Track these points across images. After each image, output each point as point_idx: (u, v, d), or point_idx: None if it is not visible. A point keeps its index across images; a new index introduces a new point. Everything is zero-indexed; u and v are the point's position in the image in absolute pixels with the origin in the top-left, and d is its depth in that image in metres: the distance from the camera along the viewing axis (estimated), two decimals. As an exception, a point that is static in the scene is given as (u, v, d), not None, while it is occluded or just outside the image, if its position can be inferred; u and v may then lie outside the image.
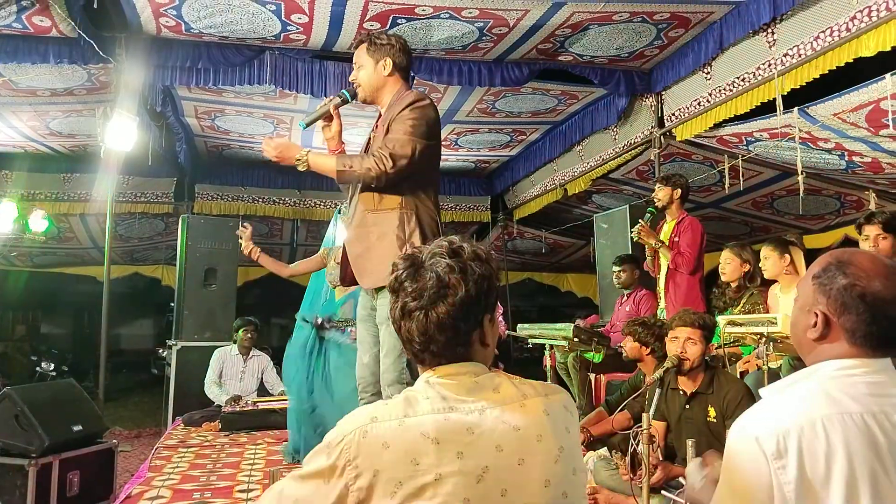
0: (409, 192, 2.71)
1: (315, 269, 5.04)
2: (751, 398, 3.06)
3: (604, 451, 3.79)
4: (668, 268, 4.65)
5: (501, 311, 7.83)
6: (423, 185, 2.74)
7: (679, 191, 4.74)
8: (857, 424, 1.15)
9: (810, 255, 4.61)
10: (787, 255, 4.04)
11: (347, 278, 2.87)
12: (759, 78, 4.52)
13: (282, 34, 4.98)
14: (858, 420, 1.15)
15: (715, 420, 3.12)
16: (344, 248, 2.92)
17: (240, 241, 4.62)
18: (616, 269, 5.71)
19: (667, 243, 4.63)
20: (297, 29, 4.89)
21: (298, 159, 2.67)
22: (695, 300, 4.54)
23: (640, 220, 4.69)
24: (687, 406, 3.23)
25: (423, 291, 1.26)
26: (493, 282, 1.31)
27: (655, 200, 4.73)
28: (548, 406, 1.27)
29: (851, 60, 3.82)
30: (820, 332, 1.27)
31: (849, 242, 3.65)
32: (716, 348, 3.79)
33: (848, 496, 1.11)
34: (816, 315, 1.28)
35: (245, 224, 4.67)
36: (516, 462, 1.20)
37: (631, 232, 4.74)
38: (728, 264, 4.43)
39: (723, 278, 4.51)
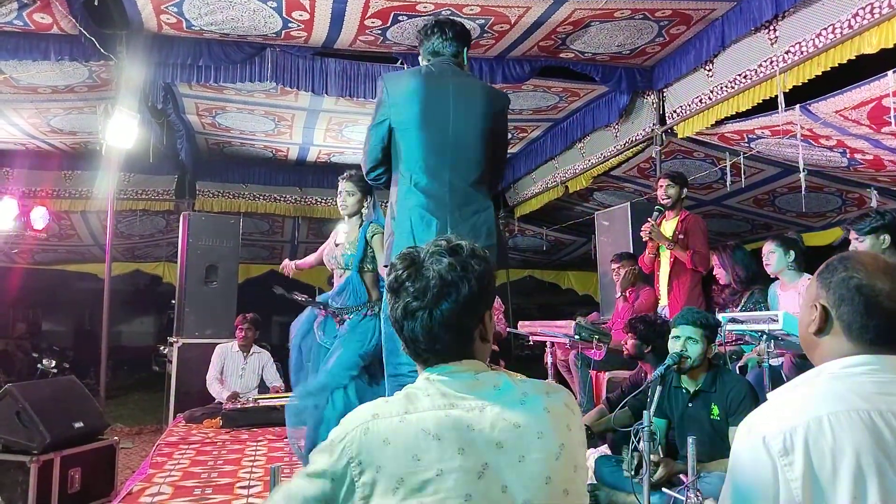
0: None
1: None
2: (754, 396, 3.06)
3: (604, 448, 3.79)
4: (671, 265, 4.65)
5: (503, 310, 7.82)
6: (397, 168, 2.73)
7: (686, 189, 4.79)
8: (865, 421, 1.14)
9: (812, 253, 4.62)
10: (791, 252, 4.05)
11: None
12: (761, 75, 4.51)
13: (283, 31, 4.98)
14: (865, 417, 1.15)
15: (718, 418, 3.12)
16: None
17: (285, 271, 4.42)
18: (614, 266, 5.70)
19: (675, 242, 4.63)
20: (299, 26, 4.88)
21: None
22: (697, 298, 4.57)
23: (648, 220, 4.68)
24: (690, 405, 3.23)
25: (425, 291, 1.26)
26: (491, 277, 1.33)
27: (666, 198, 4.72)
28: (548, 403, 1.27)
29: (854, 57, 3.81)
30: (818, 324, 1.29)
31: (849, 240, 3.65)
32: (718, 345, 3.79)
33: (855, 492, 1.10)
34: (816, 308, 1.29)
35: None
36: (517, 459, 1.21)
37: (641, 231, 4.74)
38: (720, 268, 4.49)
39: (721, 280, 4.54)
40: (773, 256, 4.10)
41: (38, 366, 9.79)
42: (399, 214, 2.63)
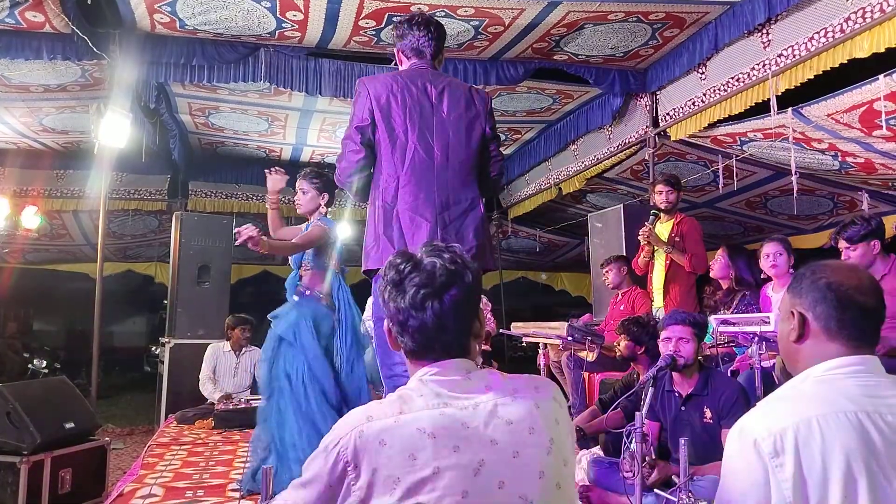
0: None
1: None
2: (746, 399, 3.07)
3: (597, 449, 3.80)
4: (667, 268, 4.68)
5: (490, 307, 7.81)
6: (380, 169, 2.71)
7: (681, 192, 4.82)
8: (852, 422, 1.16)
9: (803, 256, 4.65)
10: (792, 256, 4.07)
11: None
12: (754, 78, 4.54)
13: (277, 31, 4.97)
14: (853, 418, 1.17)
15: (711, 421, 3.12)
16: None
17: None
18: (603, 270, 5.73)
19: (672, 246, 4.65)
20: (292, 26, 4.87)
21: None
22: (693, 300, 4.61)
23: (646, 224, 4.71)
24: (683, 408, 3.24)
25: (432, 278, 1.29)
26: (480, 280, 1.39)
27: (664, 203, 4.75)
28: (537, 399, 1.29)
29: (846, 61, 3.83)
30: (798, 331, 1.32)
31: (837, 248, 3.65)
32: (709, 348, 3.80)
33: (846, 492, 1.12)
34: (794, 315, 1.33)
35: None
36: (511, 455, 1.22)
37: (638, 235, 4.76)
38: (717, 262, 4.51)
39: (711, 273, 4.57)
40: (781, 258, 4.09)
41: (29, 366, 9.78)
42: (386, 216, 2.63)
